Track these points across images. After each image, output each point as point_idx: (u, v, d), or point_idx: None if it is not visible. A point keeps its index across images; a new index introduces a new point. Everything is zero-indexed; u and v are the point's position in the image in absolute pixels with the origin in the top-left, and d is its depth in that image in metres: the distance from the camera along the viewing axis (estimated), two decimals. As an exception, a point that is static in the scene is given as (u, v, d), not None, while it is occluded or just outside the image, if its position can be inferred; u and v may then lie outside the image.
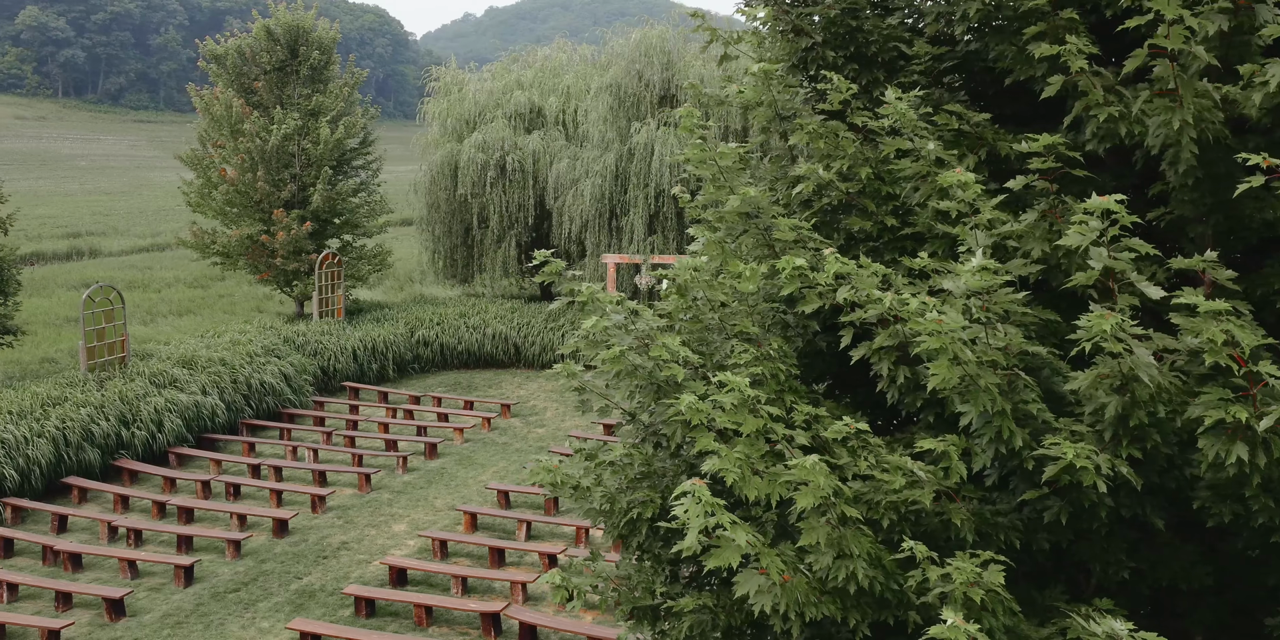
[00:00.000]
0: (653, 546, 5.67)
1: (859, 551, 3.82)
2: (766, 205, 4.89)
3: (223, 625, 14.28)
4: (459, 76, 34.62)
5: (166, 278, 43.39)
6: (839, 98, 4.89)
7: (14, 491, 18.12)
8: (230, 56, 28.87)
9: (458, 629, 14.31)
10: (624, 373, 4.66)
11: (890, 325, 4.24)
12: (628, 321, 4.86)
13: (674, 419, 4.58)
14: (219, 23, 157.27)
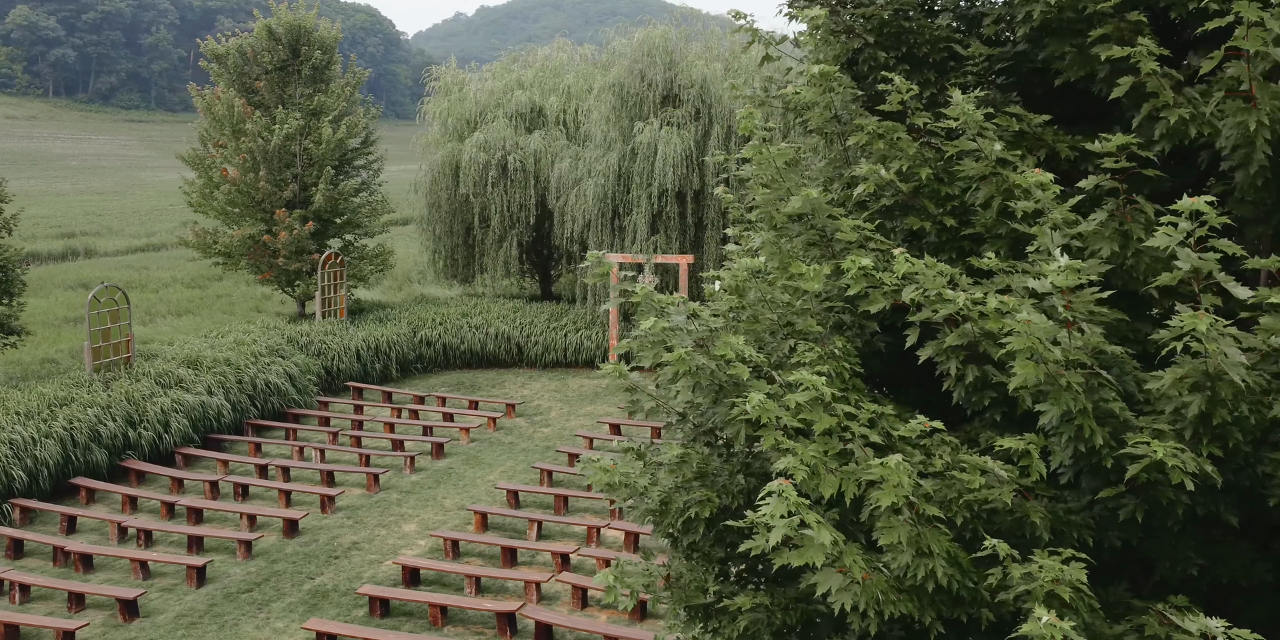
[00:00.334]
0: (703, 545, 5.69)
1: (938, 550, 3.85)
2: (826, 205, 4.91)
3: (237, 626, 14.27)
4: (459, 76, 34.60)
5: (163, 278, 43.23)
6: (898, 98, 4.92)
7: (22, 492, 18.07)
8: (231, 56, 28.81)
9: (473, 629, 14.32)
10: (687, 373, 4.67)
11: (960, 325, 4.27)
12: (689, 322, 4.88)
13: (738, 418, 4.60)
14: (210, 22, 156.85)
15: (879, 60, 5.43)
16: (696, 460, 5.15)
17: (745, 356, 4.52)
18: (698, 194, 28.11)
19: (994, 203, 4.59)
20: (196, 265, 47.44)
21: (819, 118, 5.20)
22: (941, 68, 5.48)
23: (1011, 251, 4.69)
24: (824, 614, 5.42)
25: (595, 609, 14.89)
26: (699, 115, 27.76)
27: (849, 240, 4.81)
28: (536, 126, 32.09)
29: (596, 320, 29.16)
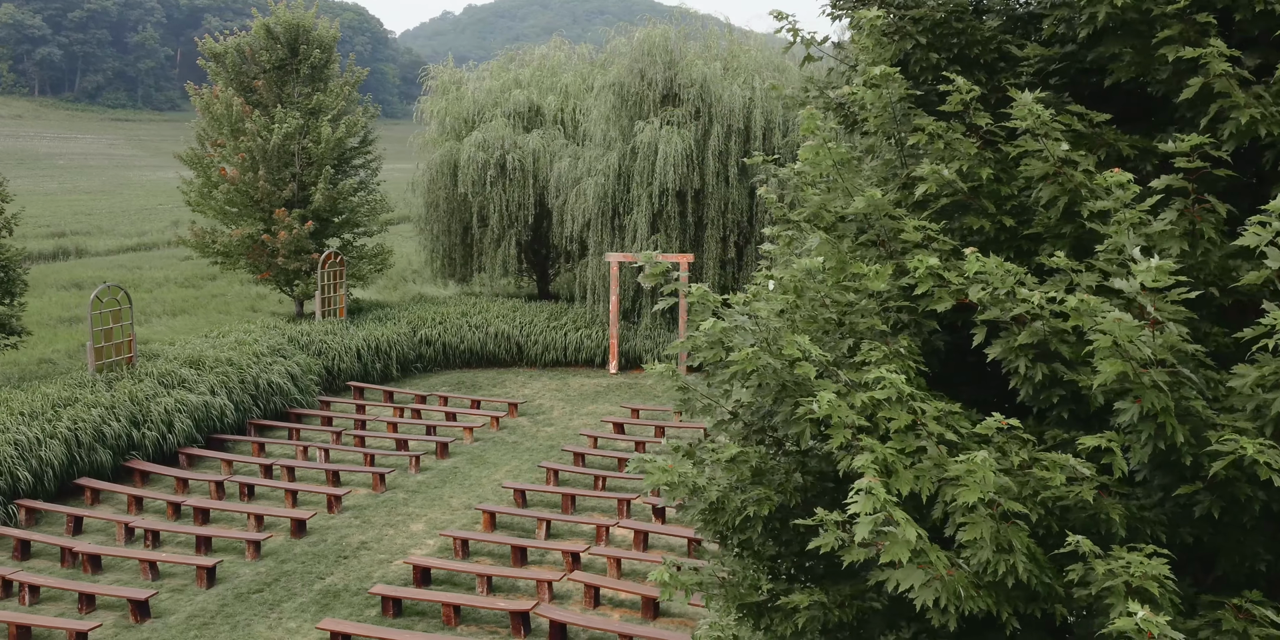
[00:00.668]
0: (755, 543, 5.72)
1: (1019, 546, 3.89)
2: (888, 206, 4.94)
3: (249, 626, 14.24)
4: (456, 75, 34.55)
5: (157, 277, 43.07)
6: (958, 99, 4.95)
7: (28, 493, 18.00)
8: (230, 55, 28.71)
9: (486, 628, 14.33)
10: (754, 372, 4.69)
11: (1029, 323, 4.31)
12: (750, 321, 4.90)
13: (803, 417, 4.63)
14: (197, 21, 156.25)
15: (930, 61, 5.46)
16: (755, 459, 5.17)
17: (812, 356, 4.55)
18: (698, 193, 28.14)
19: (1060, 202, 4.63)
20: (190, 264, 47.25)
21: (878, 118, 5.23)
22: (991, 69, 5.52)
23: (1073, 251, 4.74)
24: (877, 611, 5.46)
25: (608, 607, 14.91)
26: (699, 114, 27.79)
27: (912, 240, 4.84)
28: (534, 125, 32.07)
29: (596, 319, 29.17)
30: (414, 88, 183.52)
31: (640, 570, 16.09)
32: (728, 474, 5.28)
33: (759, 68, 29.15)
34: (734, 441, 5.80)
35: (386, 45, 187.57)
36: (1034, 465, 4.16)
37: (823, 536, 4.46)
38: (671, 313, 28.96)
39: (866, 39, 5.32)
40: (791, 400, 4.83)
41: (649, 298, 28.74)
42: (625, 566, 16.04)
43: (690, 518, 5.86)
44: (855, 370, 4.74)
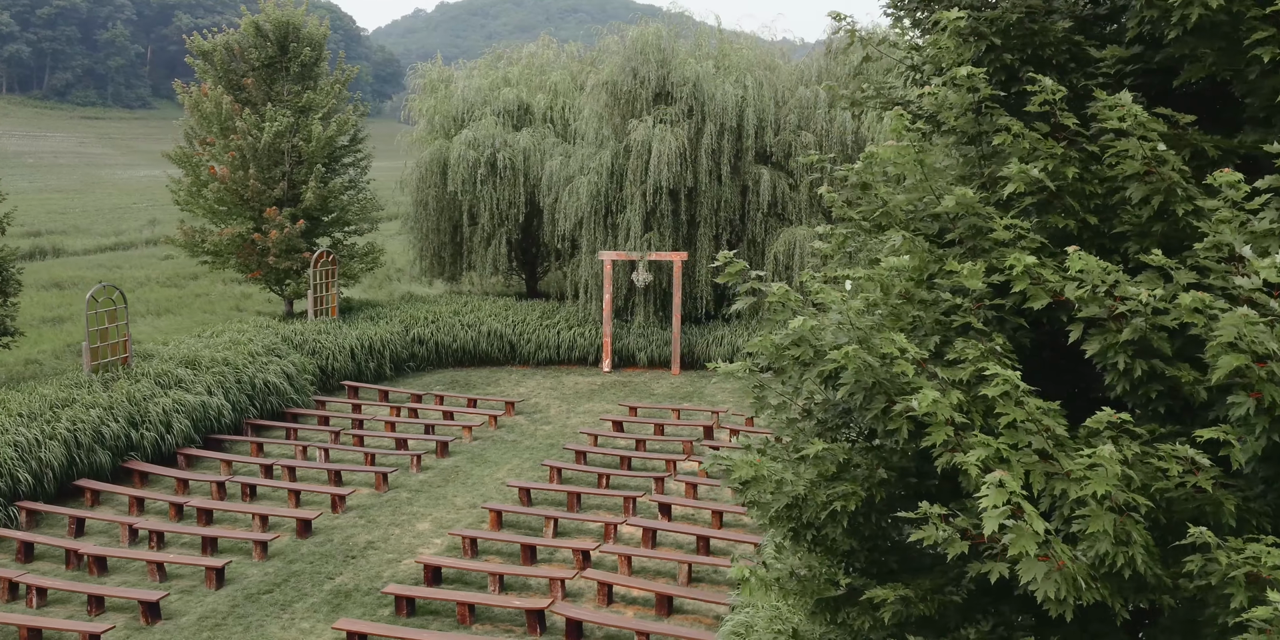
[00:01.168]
0: (828, 538, 5.77)
1: (1138, 538, 3.97)
2: (979, 205, 5.01)
3: (262, 627, 14.19)
4: (445, 73, 34.45)
5: (138, 277, 42.61)
6: (1041, 99, 5.03)
7: (28, 495, 17.83)
8: (218, 52, 28.48)
9: (501, 626, 14.33)
10: (846, 370, 4.74)
11: (1129, 320, 4.39)
12: (844, 320, 4.95)
13: (902, 414, 4.69)
14: (168, 17, 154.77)
15: (1004, 62, 5.54)
16: (841, 455, 5.23)
17: (909, 354, 4.61)
18: (691, 191, 28.20)
19: (1153, 201, 4.72)
20: (170, 264, 46.83)
21: (959, 118, 5.29)
22: (1063, 69, 5.61)
23: (1162, 249, 4.81)
24: (956, 605, 5.53)
25: (621, 605, 14.95)
26: (691, 113, 27.84)
27: (1001, 238, 4.92)
28: (524, 124, 32.02)
29: (589, 317, 29.18)
30: (388, 85, 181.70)
31: (650, 568, 16.14)
32: (810, 470, 5.33)
33: (750, 66, 29.25)
34: (807, 438, 5.85)
35: (359, 43, 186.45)
36: (1146, 458, 4.24)
37: (925, 530, 4.53)
38: (665, 311, 29.02)
39: (948, 40, 5.39)
40: (883, 398, 4.89)
41: (642, 296, 28.77)
42: (635, 564, 16.08)
43: (765, 514, 5.91)
44: (949, 367, 4.81)
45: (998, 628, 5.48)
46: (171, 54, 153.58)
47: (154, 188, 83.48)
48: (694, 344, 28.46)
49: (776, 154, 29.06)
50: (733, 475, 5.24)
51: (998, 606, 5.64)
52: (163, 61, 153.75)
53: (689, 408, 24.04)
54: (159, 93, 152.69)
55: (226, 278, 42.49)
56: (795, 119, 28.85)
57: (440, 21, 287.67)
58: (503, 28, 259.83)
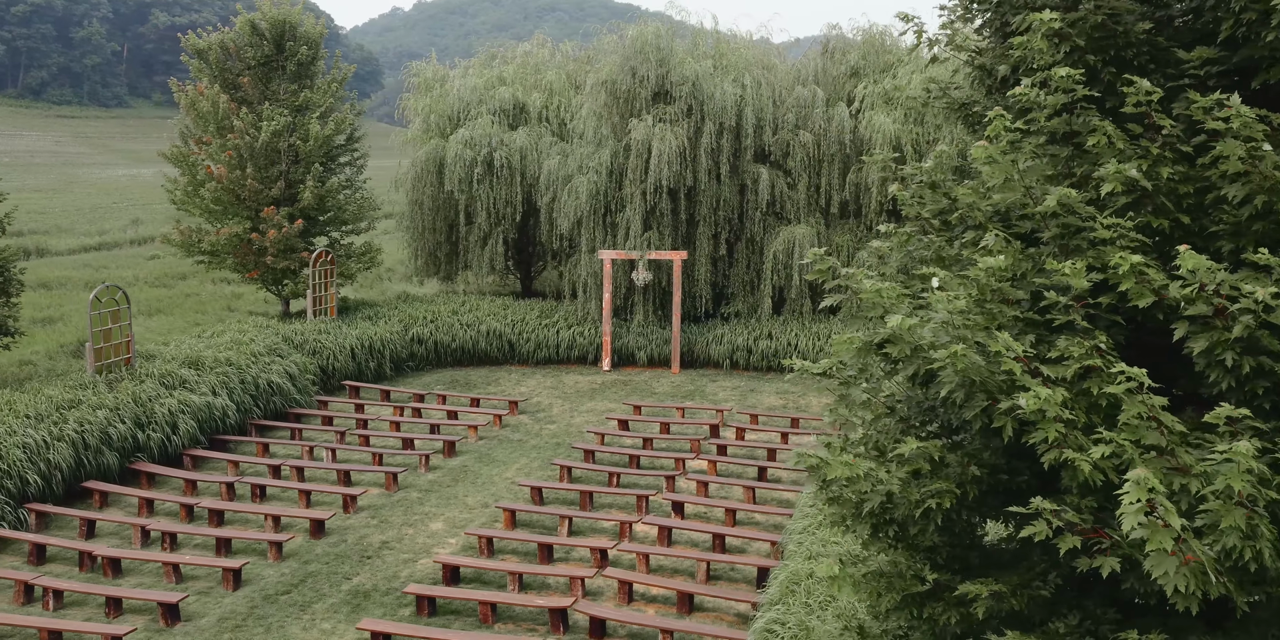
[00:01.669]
0: (911, 534, 5.83)
1: (1266, 532, 4.04)
2: (1079, 203, 5.08)
3: (283, 628, 14.14)
4: (440, 72, 34.38)
5: (126, 276, 42.25)
6: (1135, 99, 5.11)
7: (37, 497, 17.70)
8: (214, 51, 28.30)
9: (524, 625, 14.34)
10: (962, 370, 4.79)
11: (1237, 318, 4.47)
12: (949, 319, 5.00)
13: (1007, 412, 4.75)
14: (144, 16, 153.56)
15: (1087, 63, 5.62)
16: (935, 453, 5.29)
17: (1016, 352, 4.67)
18: (690, 190, 28.25)
19: (1256, 200, 4.80)
20: (158, 263, 46.50)
21: (1051, 119, 5.36)
22: (1143, 70, 5.69)
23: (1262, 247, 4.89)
24: (1045, 599, 5.60)
25: (641, 603, 14.99)
26: (690, 112, 27.89)
27: (1101, 237, 4.99)
28: (520, 123, 32.00)
29: (588, 316, 29.19)
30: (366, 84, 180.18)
31: (668, 566, 16.19)
32: (902, 468, 5.39)
33: (748, 65, 29.32)
34: (887, 436, 5.91)
35: (338, 42, 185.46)
36: (1266, 453, 4.32)
37: (1035, 525, 4.59)
38: (663, 310, 29.08)
39: (1040, 41, 5.45)
40: (983, 395, 4.94)
41: (640, 295, 28.81)
42: (653, 562, 16.13)
43: (844, 511, 5.96)
44: (1052, 365, 4.87)
45: (1084, 622, 5.55)
46: (148, 52, 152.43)
47: (133, 187, 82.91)
48: (693, 343, 28.53)
49: (775, 153, 29.15)
50: (827, 474, 5.28)
51: (1081, 601, 5.72)
52: (139, 60, 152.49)
53: (692, 406, 24.11)
54: (135, 91, 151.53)
55: (216, 277, 42.21)
56: (793, 118, 28.96)
57: (418, 20, 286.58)
58: (481, 26, 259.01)
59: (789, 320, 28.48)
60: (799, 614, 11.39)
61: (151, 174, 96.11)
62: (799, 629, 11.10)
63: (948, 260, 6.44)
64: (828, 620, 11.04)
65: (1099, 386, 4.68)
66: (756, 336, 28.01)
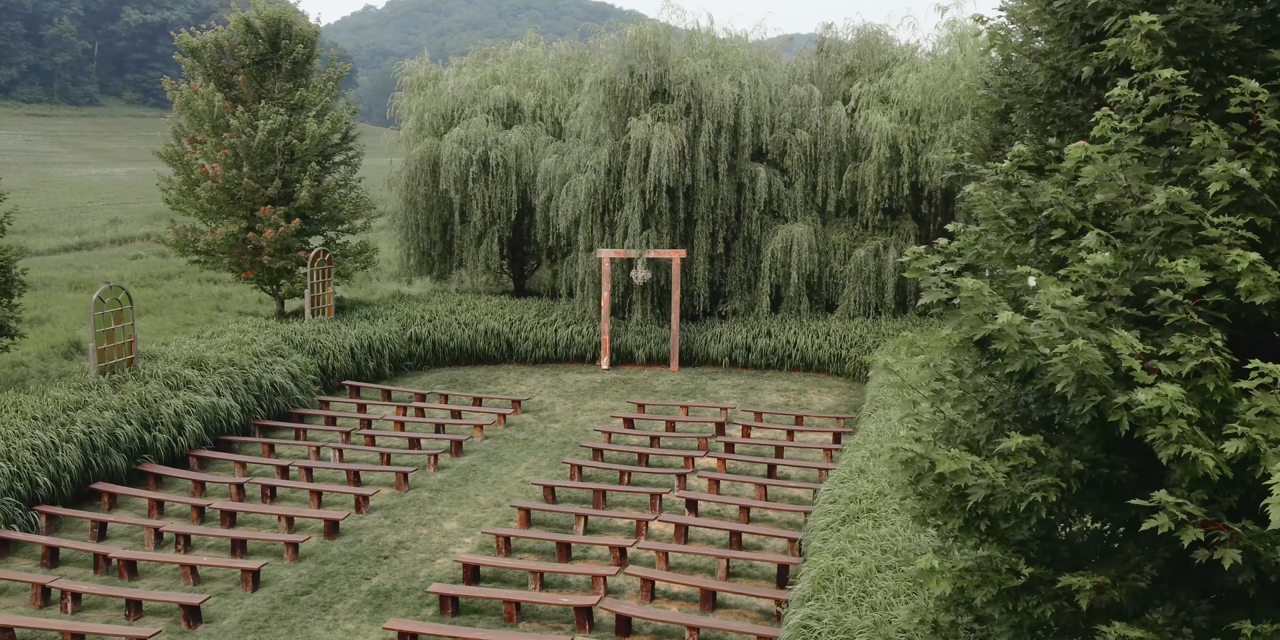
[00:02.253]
0: (1000, 528, 5.90)
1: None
2: (1190, 203, 5.16)
3: (306, 628, 14.09)
4: (433, 71, 34.28)
5: (110, 277, 41.82)
6: (1240, 99, 5.20)
7: (46, 499, 17.55)
8: (207, 49, 28.12)
9: (548, 624, 14.36)
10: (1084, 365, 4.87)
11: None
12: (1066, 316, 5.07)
13: (1125, 408, 4.83)
14: (115, 13, 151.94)
15: (1178, 65, 5.71)
16: (1042, 448, 5.36)
17: (1136, 349, 4.75)
18: (689, 189, 28.31)
19: (1367, 198, 4.92)
20: (141, 264, 46.12)
21: (1157, 120, 5.45)
22: (1230, 70, 5.79)
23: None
24: (1141, 590, 5.69)
25: (663, 600, 15.04)
26: (689, 111, 27.95)
27: (1212, 236, 5.08)
28: (514, 122, 31.96)
29: (586, 315, 29.21)
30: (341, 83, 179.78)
31: (686, 563, 16.24)
32: (1004, 462, 5.46)
33: (746, 64, 29.42)
34: (979, 431, 5.99)
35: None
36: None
37: (1159, 518, 4.67)
38: (663, 309, 29.13)
39: (1139, 43, 5.53)
40: (1095, 391, 5.02)
41: (639, 293, 28.86)
42: (671, 560, 16.18)
43: (932, 505, 6.03)
44: (1167, 362, 4.96)
45: (1179, 613, 5.65)
46: (119, 50, 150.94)
47: (107, 186, 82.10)
48: (692, 341, 28.61)
49: (772, 152, 29.27)
50: (937, 467, 5.34)
51: (1173, 592, 5.82)
52: (110, 58, 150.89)
53: (696, 404, 24.18)
54: (107, 90, 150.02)
55: (203, 277, 41.91)
56: (790, 117, 29.09)
57: (390, 18, 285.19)
58: (455, 24, 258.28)
59: (787, 318, 28.61)
60: (834, 610, 11.46)
61: (125, 173, 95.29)
62: (835, 625, 11.17)
63: (1018, 259, 6.54)
64: (865, 615, 11.13)
65: (1214, 383, 4.78)
66: (755, 334, 28.12)
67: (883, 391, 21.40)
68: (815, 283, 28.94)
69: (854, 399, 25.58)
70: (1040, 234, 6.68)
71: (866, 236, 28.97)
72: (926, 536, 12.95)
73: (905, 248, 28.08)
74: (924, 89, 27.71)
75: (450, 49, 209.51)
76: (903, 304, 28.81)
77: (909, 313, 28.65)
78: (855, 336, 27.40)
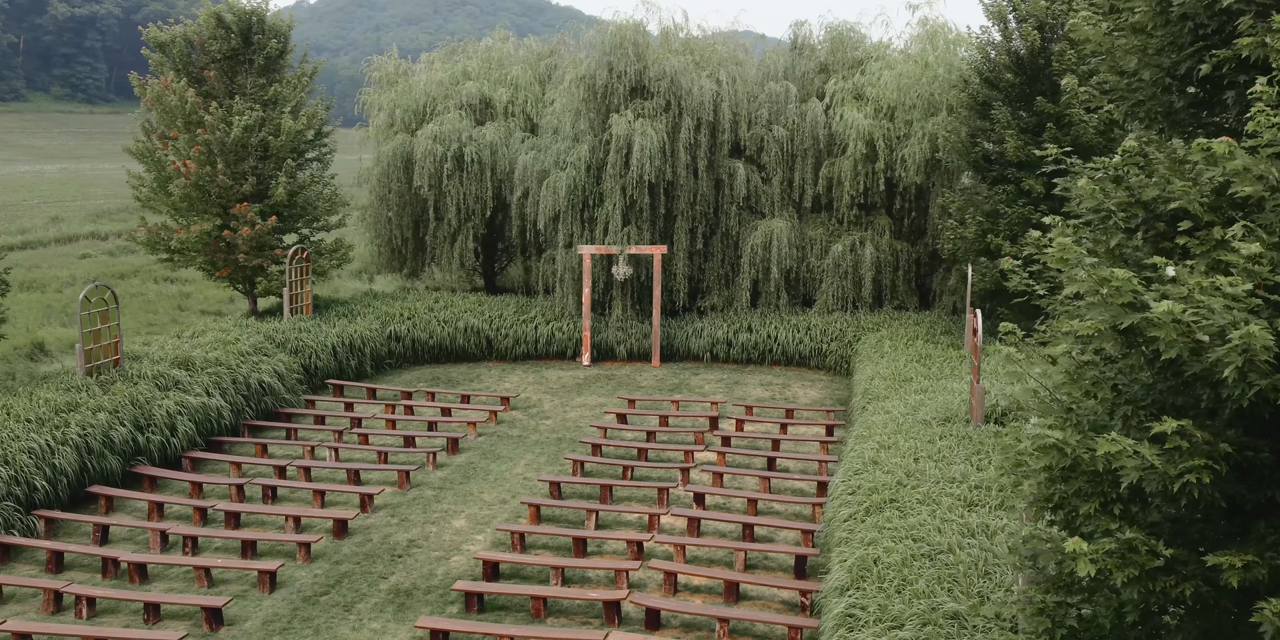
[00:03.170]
0: (1132, 511, 6.09)
1: None
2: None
3: (332, 629, 13.97)
4: (402, 66, 33.99)
5: (63, 276, 40.98)
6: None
7: (44, 503, 17.17)
8: (177, 44, 27.60)
9: (576, 618, 14.39)
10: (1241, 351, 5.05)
11: None
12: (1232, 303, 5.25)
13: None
14: (42, 7, 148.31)
15: None
16: (1197, 431, 5.54)
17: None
18: (670, 185, 28.42)
19: None
20: (92, 263, 45.17)
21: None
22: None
23: None
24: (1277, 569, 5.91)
25: (686, 593, 15.14)
26: (669, 107, 28.05)
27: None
28: (487, 118, 31.82)
29: (565, 312, 29.19)
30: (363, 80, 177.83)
31: (702, 557, 16.36)
32: (1154, 445, 5.65)
33: (723, 61, 29.59)
34: (1115, 419, 6.17)
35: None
36: None
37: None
38: (642, 305, 29.20)
39: (1279, 42, 5.74)
40: (1255, 376, 5.21)
41: (619, 290, 28.91)
42: (688, 553, 16.28)
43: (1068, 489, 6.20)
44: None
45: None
46: (46, 44, 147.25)
47: (40, 184, 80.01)
48: (673, 336, 28.74)
49: (749, 148, 29.49)
50: (1098, 450, 5.50)
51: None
52: (36, 52, 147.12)
53: (685, 399, 24.31)
54: (34, 85, 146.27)
55: (160, 276, 41.15)
56: (766, 113, 29.33)
57: (325, 12, 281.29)
58: (390, 19, 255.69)
59: (767, 313, 28.86)
60: (877, 599, 11.64)
61: (57, 171, 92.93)
62: (881, 613, 11.34)
63: (1123, 252, 6.74)
64: (911, 603, 11.32)
65: None
66: (736, 329, 28.33)
67: (874, 384, 21.70)
68: (793, 278, 29.23)
69: (838, 392, 25.90)
70: (1146, 227, 6.89)
71: (842, 232, 29.31)
72: (952, 528, 13.21)
73: (880, 242, 28.58)
74: (899, 86, 28.09)
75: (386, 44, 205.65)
76: (879, 298, 29.20)
77: (885, 307, 29.05)
78: (835, 330, 27.73)
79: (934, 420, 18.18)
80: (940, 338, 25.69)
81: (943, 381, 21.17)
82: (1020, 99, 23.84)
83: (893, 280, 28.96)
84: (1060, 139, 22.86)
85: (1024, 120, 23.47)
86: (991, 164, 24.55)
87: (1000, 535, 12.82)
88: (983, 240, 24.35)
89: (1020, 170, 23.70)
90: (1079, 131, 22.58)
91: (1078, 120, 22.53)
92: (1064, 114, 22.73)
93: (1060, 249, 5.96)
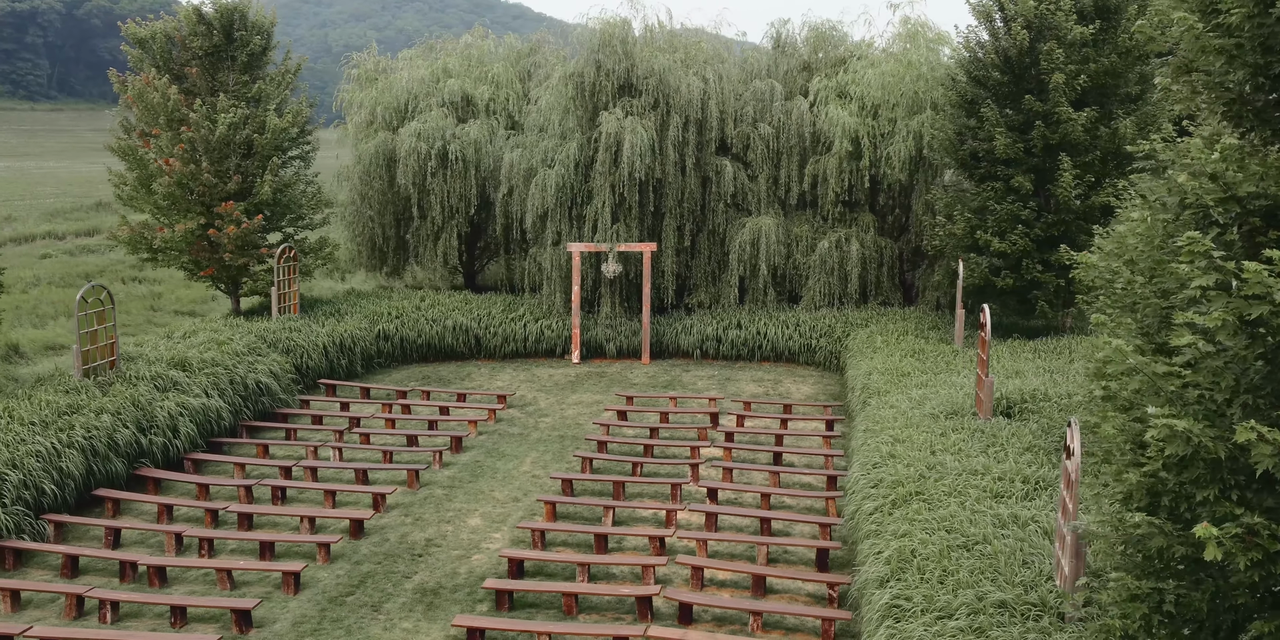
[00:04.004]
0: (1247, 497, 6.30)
1: None
2: None
3: (364, 629, 13.91)
4: (381, 63, 33.73)
5: (27, 277, 40.10)
6: None
7: (52, 507, 16.88)
8: (157, 40, 27.18)
9: (607, 615, 14.44)
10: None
11: None
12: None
13: None
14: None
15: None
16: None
17: None
18: (659, 183, 28.51)
19: None
20: (55, 263, 44.25)
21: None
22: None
23: None
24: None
25: (714, 588, 15.26)
26: (657, 105, 28.13)
27: None
28: (469, 116, 31.68)
29: (554, 310, 29.18)
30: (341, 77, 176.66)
31: (722, 551, 16.48)
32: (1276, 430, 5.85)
33: (709, 59, 29.72)
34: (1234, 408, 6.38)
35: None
36: None
37: None
38: (630, 302, 29.27)
39: None
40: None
41: (607, 287, 28.94)
42: (709, 548, 16.40)
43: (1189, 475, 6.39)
44: None
45: None
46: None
47: (-13, 184, 78.27)
48: (662, 334, 28.84)
49: (736, 146, 29.67)
50: (1236, 438, 5.68)
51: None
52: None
53: (682, 395, 24.43)
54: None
55: (128, 276, 40.48)
56: (751, 111, 29.52)
57: (268, 7, 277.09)
58: (337, 16, 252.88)
59: (755, 310, 29.06)
60: (921, 590, 11.82)
61: (3, 168, 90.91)
62: (928, 603, 11.52)
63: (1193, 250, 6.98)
64: (959, 593, 11.51)
65: None
66: (726, 326, 28.49)
67: (873, 379, 21.95)
68: (780, 275, 29.45)
69: (830, 388, 26.16)
70: (1240, 222, 7.11)
71: (827, 229, 29.58)
72: (984, 519, 13.44)
73: (865, 238, 28.88)
74: (883, 84, 28.40)
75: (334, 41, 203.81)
76: (864, 294, 29.52)
77: (870, 303, 29.38)
78: (824, 327, 27.99)
79: (941, 414, 18.46)
80: (929, 333, 26.03)
81: (940, 376, 21.47)
82: (1008, 97, 24.23)
83: (877, 276, 29.29)
84: (1049, 137, 23.30)
85: (1011, 118, 23.87)
86: (979, 161, 24.92)
87: (1032, 525, 13.08)
88: (971, 236, 24.74)
89: (1009, 167, 24.11)
90: (1067, 129, 23.04)
91: (1065, 119, 22.98)
92: (1052, 112, 23.16)
93: (1190, 242, 6.14)
